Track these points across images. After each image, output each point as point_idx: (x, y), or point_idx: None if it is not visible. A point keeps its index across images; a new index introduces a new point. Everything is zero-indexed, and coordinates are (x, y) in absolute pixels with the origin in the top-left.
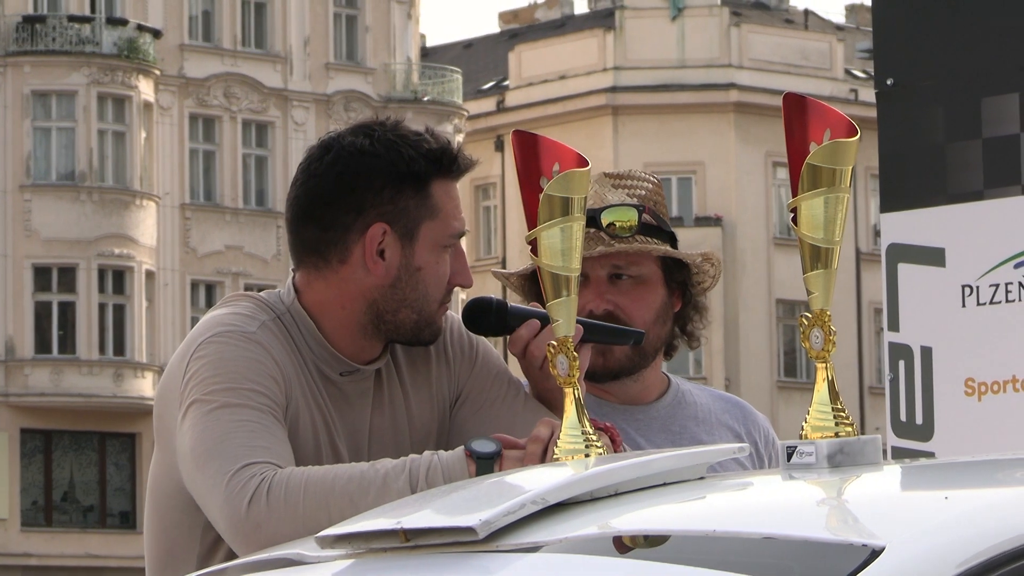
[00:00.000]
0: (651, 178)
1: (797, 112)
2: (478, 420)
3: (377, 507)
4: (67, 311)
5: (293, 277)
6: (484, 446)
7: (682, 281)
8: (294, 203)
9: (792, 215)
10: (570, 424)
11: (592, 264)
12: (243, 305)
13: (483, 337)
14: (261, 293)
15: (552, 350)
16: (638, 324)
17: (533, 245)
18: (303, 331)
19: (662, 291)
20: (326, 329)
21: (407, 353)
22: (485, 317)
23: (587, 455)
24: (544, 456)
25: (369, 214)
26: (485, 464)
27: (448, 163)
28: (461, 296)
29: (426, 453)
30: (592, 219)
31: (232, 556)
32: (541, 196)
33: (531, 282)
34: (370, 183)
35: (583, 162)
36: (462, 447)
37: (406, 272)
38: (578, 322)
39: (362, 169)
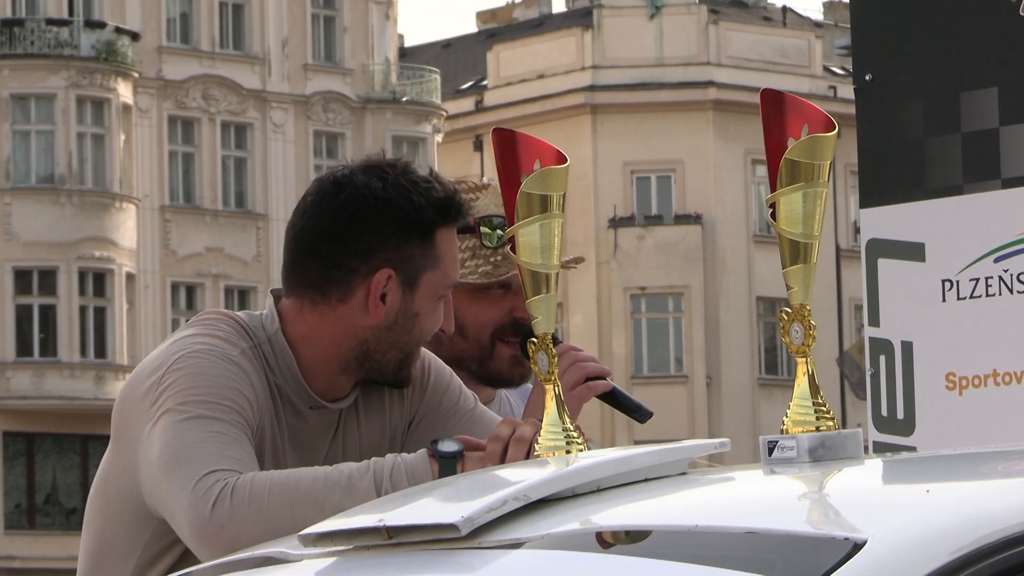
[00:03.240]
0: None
1: (775, 108)
2: (433, 434)
3: (343, 508)
4: (48, 314)
5: (276, 301)
6: (447, 446)
7: None
8: (300, 233)
9: (771, 211)
10: (551, 421)
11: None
12: (223, 329)
13: (430, 354)
14: (241, 314)
15: (532, 347)
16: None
17: (512, 243)
18: (280, 362)
19: None
20: (306, 362)
21: (363, 385)
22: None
23: (568, 451)
24: (504, 455)
25: (376, 259)
26: (447, 464)
27: (454, 212)
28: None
29: (389, 455)
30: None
31: (175, 568)
32: (518, 193)
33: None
34: (380, 229)
35: (562, 159)
36: (425, 448)
37: (404, 317)
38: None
39: (373, 213)
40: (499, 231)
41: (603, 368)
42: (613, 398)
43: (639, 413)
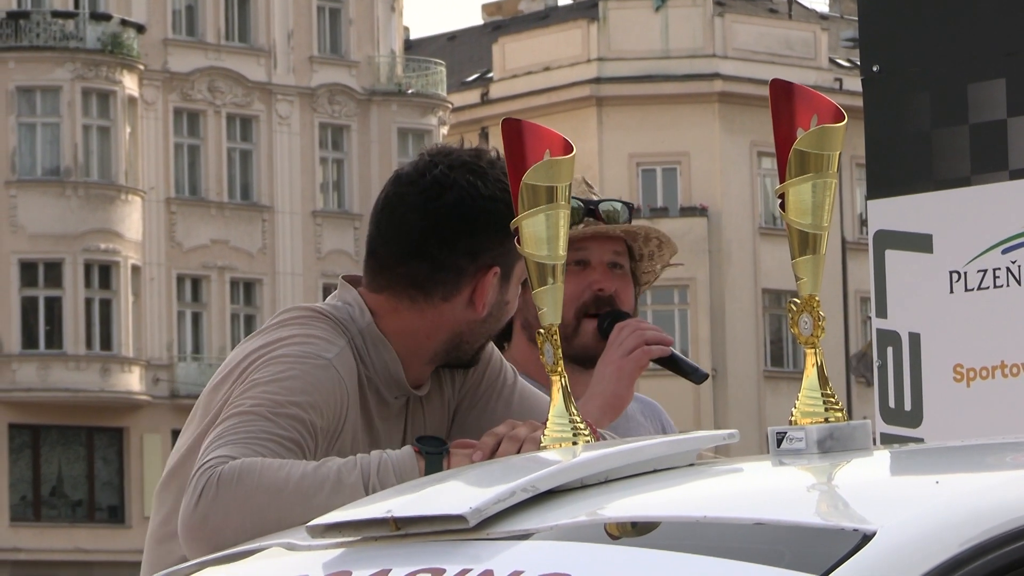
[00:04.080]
0: None
1: (784, 98)
2: (483, 421)
3: (331, 504)
4: (54, 306)
5: (363, 296)
6: (432, 442)
7: None
8: (407, 235)
9: (780, 201)
10: (557, 413)
11: (595, 248)
12: (320, 328)
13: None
14: (327, 307)
15: (539, 338)
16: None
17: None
18: (374, 355)
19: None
20: (399, 355)
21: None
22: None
23: (575, 443)
24: (495, 451)
25: (484, 258)
26: (433, 459)
27: None
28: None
29: (374, 452)
30: (591, 210)
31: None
32: (521, 184)
33: None
34: (487, 228)
35: (569, 148)
36: (410, 444)
37: (498, 308)
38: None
39: (482, 215)
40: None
41: (663, 336)
42: (672, 362)
43: (695, 375)
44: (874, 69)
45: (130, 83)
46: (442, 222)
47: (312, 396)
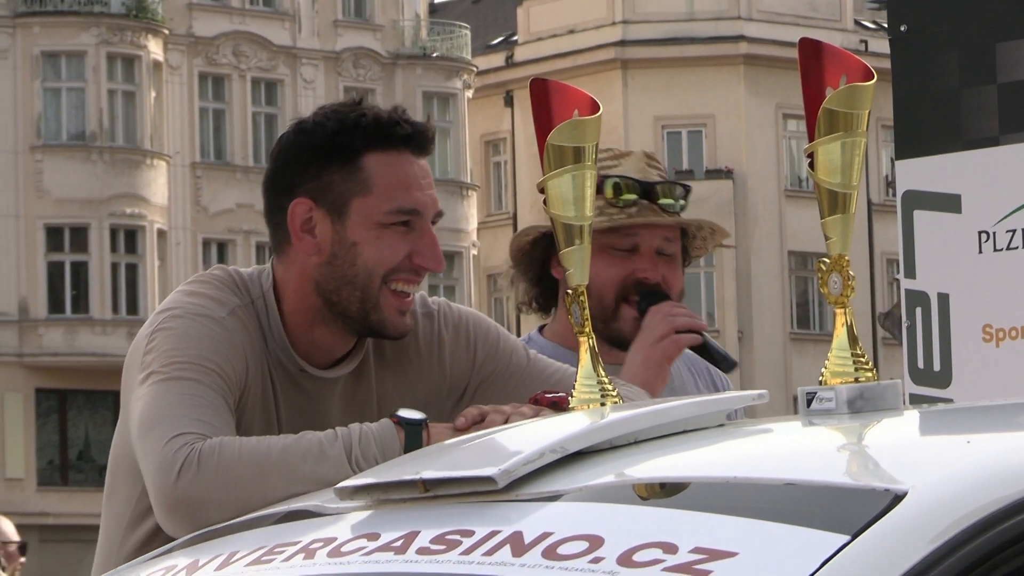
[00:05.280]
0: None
1: (813, 57)
2: (497, 398)
3: (315, 476)
4: (80, 271)
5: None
6: (411, 413)
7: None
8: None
9: (809, 161)
10: (585, 374)
11: (645, 235)
12: (215, 287)
13: (474, 314)
14: (245, 270)
15: (568, 299)
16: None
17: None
18: (271, 321)
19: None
20: (287, 319)
21: (393, 351)
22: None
23: (603, 404)
24: (479, 420)
25: (296, 192)
26: (413, 430)
27: (392, 138)
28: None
29: (354, 424)
30: (647, 191)
31: (157, 530)
32: (546, 144)
33: (529, 253)
34: (296, 160)
35: (596, 107)
36: (388, 416)
37: (341, 248)
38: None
39: (291, 148)
40: (628, 194)
41: (695, 322)
42: (703, 349)
43: (725, 363)
44: (902, 29)
45: (155, 48)
46: (268, 169)
47: (207, 350)
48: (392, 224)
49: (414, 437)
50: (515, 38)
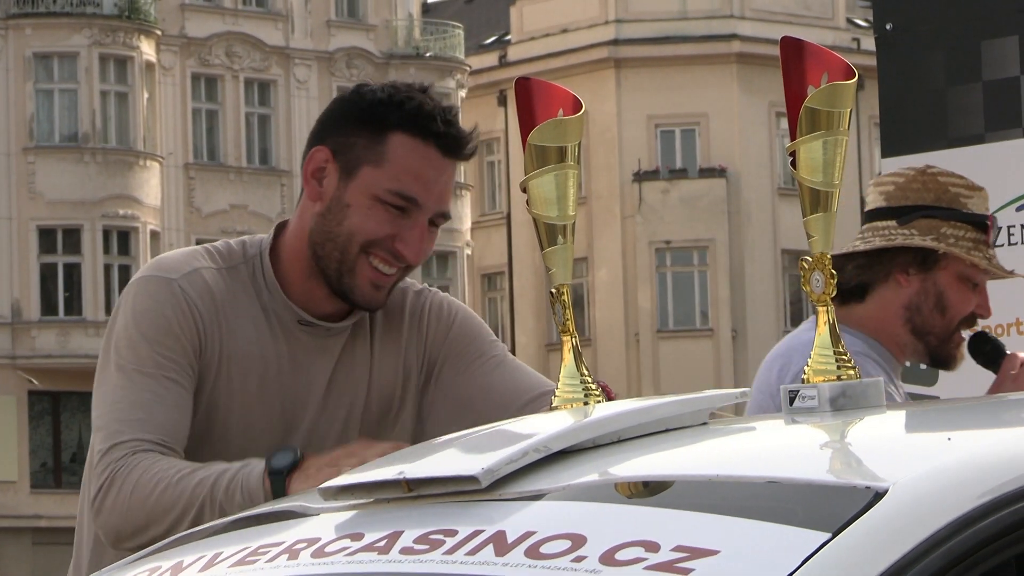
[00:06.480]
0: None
1: (795, 56)
2: (462, 382)
3: (188, 519)
4: (72, 273)
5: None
6: (278, 461)
7: None
8: None
9: (791, 159)
10: (568, 373)
11: (983, 273)
12: (196, 250)
13: (461, 304)
14: (246, 238)
15: (551, 298)
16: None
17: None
18: (267, 278)
19: None
20: (285, 265)
21: (384, 316)
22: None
23: (586, 403)
24: (343, 464)
25: (325, 141)
26: (277, 480)
27: (416, 122)
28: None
29: (243, 468)
30: (981, 225)
31: None
32: (526, 145)
33: None
34: (332, 118)
35: (579, 106)
36: (265, 461)
37: (336, 204)
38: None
39: (339, 104)
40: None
41: None
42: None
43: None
44: (887, 27)
45: (147, 48)
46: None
47: (158, 321)
48: (388, 203)
49: (278, 485)
50: (508, 38)
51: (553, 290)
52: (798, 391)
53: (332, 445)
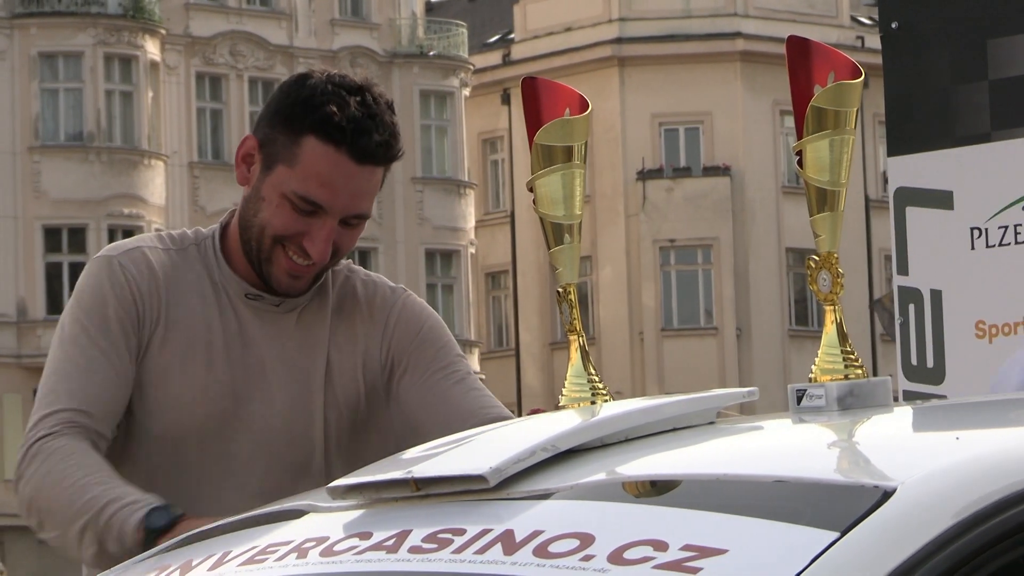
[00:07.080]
0: None
1: (801, 55)
2: (417, 390)
3: (70, 532)
4: (78, 272)
5: None
6: (154, 520)
7: None
8: None
9: (798, 158)
10: (575, 372)
11: None
12: (147, 235)
13: (435, 314)
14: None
15: (558, 297)
16: None
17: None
18: (216, 252)
19: None
20: (232, 250)
21: (341, 302)
22: None
23: (593, 402)
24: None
25: (258, 130)
26: (150, 536)
27: (327, 128)
28: None
29: (131, 502)
30: None
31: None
32: (533, 145)
33: None
34: (268, 108)
35: (585, 105)
36: (144, 512)
37: (254, 194)
38: None
39: (273, 97)
40: None
41: None
42: None
43: None
44: (893, 26)
45: (152, 48)
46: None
47: (95, 296)
48: (294, 203)
49: (150, 542)
50: (512, 36)
51: (560, 289)
52: (805, 390)
53: (286, 419)
